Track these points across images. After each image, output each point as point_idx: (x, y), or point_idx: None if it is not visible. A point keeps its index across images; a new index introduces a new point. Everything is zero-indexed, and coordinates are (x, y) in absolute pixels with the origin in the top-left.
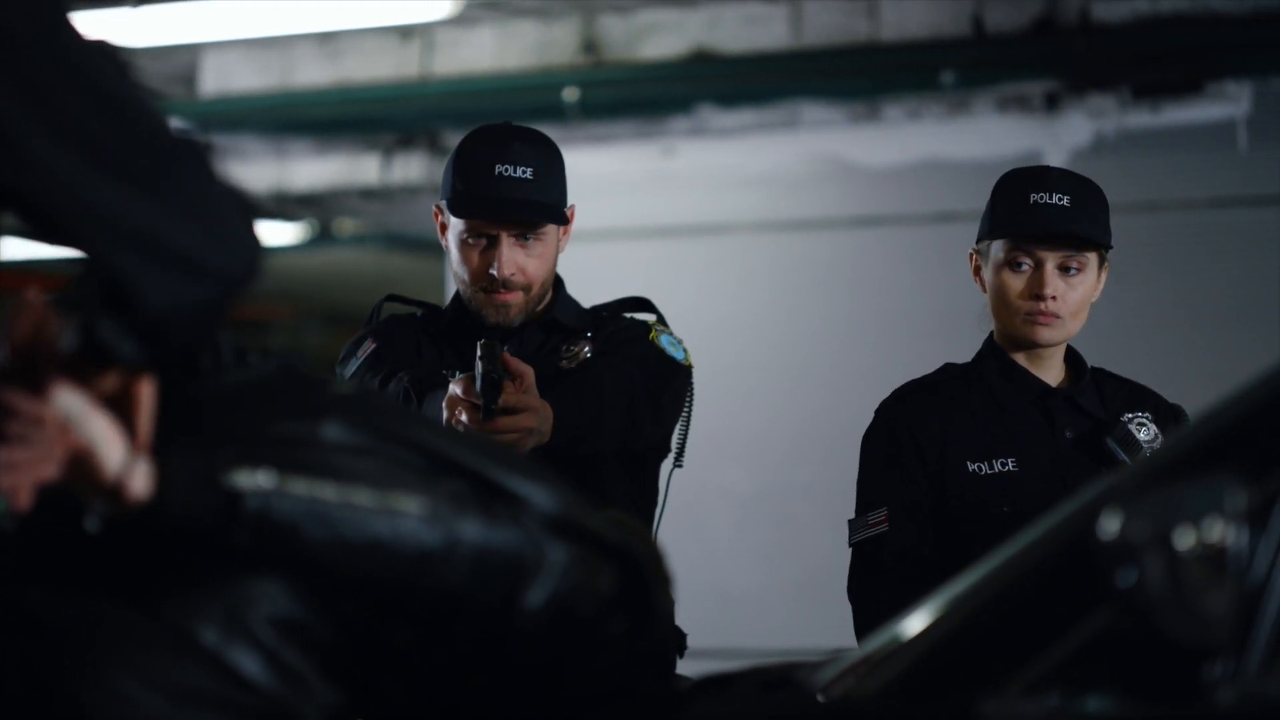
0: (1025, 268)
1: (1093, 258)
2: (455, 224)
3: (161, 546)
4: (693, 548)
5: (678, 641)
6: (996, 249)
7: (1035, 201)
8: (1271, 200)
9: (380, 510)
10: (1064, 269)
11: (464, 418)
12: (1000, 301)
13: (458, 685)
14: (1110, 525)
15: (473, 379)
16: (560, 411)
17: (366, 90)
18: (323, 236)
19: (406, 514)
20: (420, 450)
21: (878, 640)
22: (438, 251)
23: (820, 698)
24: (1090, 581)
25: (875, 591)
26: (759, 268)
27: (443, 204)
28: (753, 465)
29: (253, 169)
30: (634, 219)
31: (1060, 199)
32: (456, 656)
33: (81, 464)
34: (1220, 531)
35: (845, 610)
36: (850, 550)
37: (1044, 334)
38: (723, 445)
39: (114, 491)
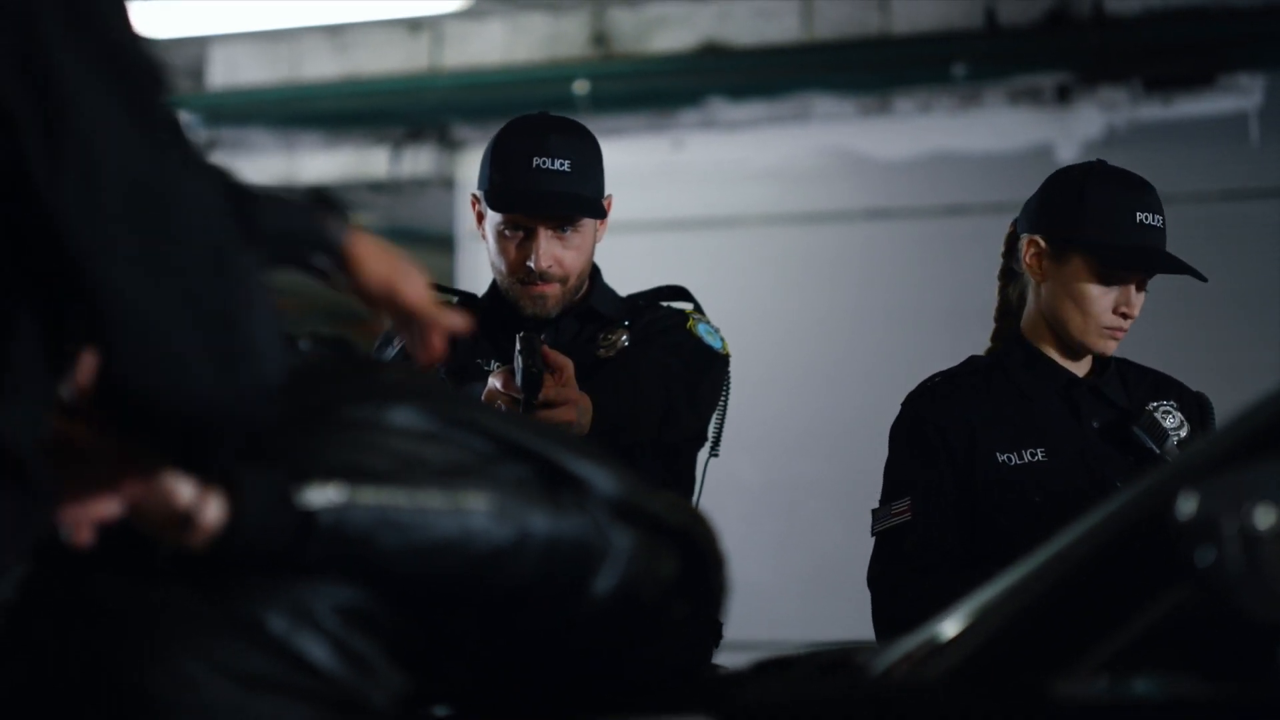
0: (1115, 285)
1: None
2: (492, 216)
3: None
4: None
5: (714, 631)
6: (1088, 258)
7: (1141, 222)
8: None
9: (450, 510)
10: (1141, 286)
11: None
12: (1079, 310)
13: (524, 671)
14: (1187, 505)
15: (512, 372)
16: (599, 404)
17: (375, 83)
18: None
19: (476, 511)
20: (485, 434)
21: (935, 625)
22: (446, 245)
23: (883, 680)
24: (1160, 562)
25: (895, 581)
26: (768, 260)
27: (480, 194)
28: (762, 457)
29: (261, 162)
30: (644, 212)
31: (1158, 220)
32: (524, 644)
33: (151, 499)
34: None
35: (855, 602)
36: (872, 540)
37: (1113, 347)
38: (732, 437)
39: (184, 525)
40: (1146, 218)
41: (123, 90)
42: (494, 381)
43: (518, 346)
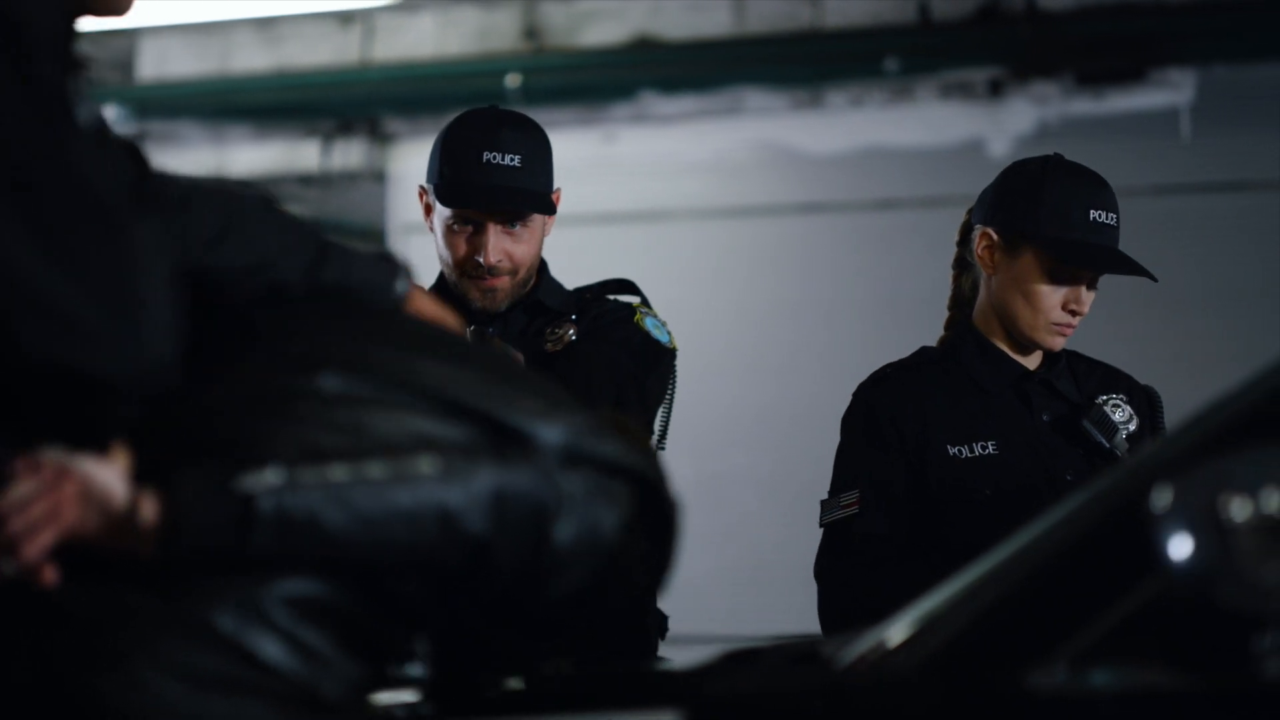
0: (1066, 281)
1: None
2: (441, 210)
3: None
4: None
5: (660, 624)
6: (1040, 254)
7: (1095, 220)
8: (1214, 188)
9: (395, 479)
10: (1091, 283)
11: None
12: (1028, 304)
13: (494, 630)
14: (1162, 497)
15: None
16: None
17: (306, 76)
18: None
19: (421, 477)
20: (423, 394)
21: (903, 617)
22: (377, 238)
23: (852, 672)
24: (1135, 554)
25: (842, 573)
26: (701, 254)
27: (429, 187)
28: (694, 451)
29: (190, 155)
30: (576, 205)
31: (1112, 218)
32: (492, 603)
33: (89, 514)
34: (1278, 501)
35: (787, 594)
36: (820, 531)
37: (1061, 343)
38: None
39: (128, 530)
40: (1100, 216)
41: (8, 58)
42: None
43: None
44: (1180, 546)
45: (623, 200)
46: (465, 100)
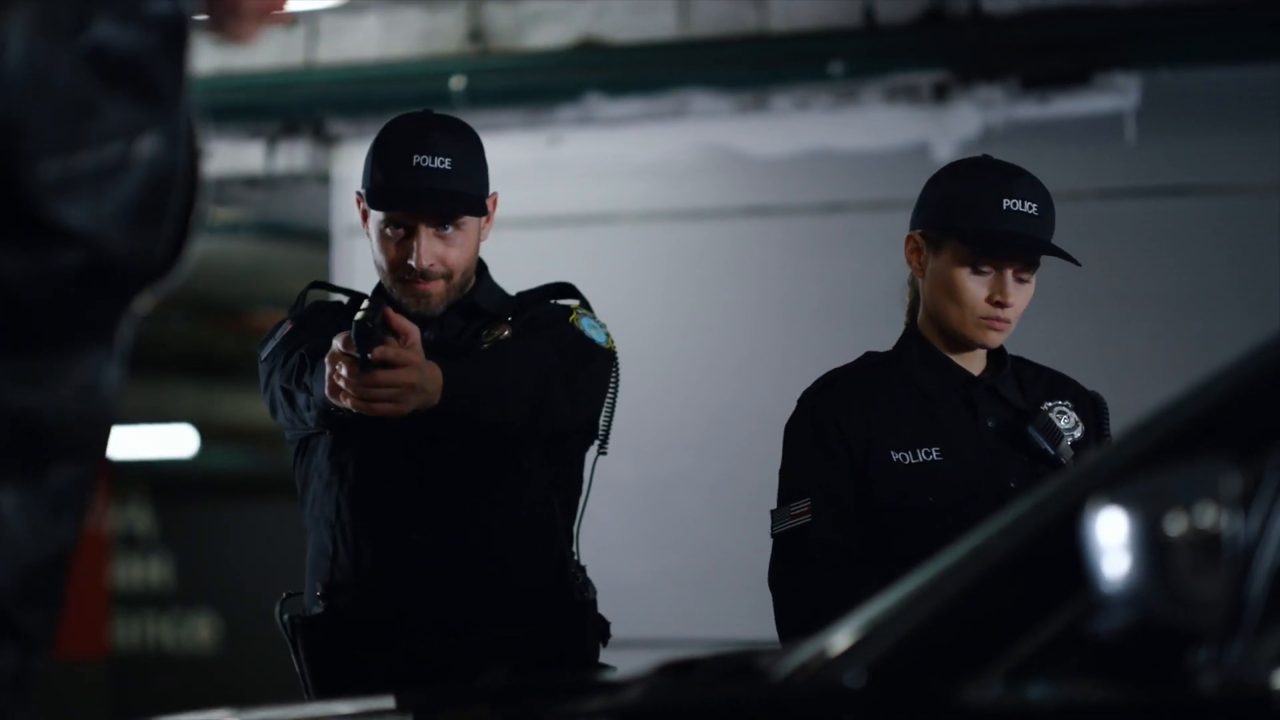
0: (987, 273)
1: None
2: (374, 214)
3: None
4: (580, 537)
5: (601, 630)
6: (957, 247)
7: (1009, 208)
8: (1158, 192)
9: None
10: (1018, 275)
11: (344, 372)
12: (953, 301)
13: None
14: (1098, 511)
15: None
16: (457, 376)
17: (249, 78)
18: None
19: None
20: None
21: (840, 628)
22: (322, 240)
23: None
24: (1070, 567)
25: (797, 582)
26: (647, 257)
27: (362, 192)
28: (642, 455)
29: None
30: (521, 208)
31: (1030, 207)
32: None
33: None
34: (1214, 517)
35: (738, 601)
36: (771, 540)
37: (994, 338)
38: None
39: None
40: (1015, 204)
41: None
42: (335, 342)
43: (360, 305)
44: (1114, 562)
45: (567, 203)
46: (410, 102)
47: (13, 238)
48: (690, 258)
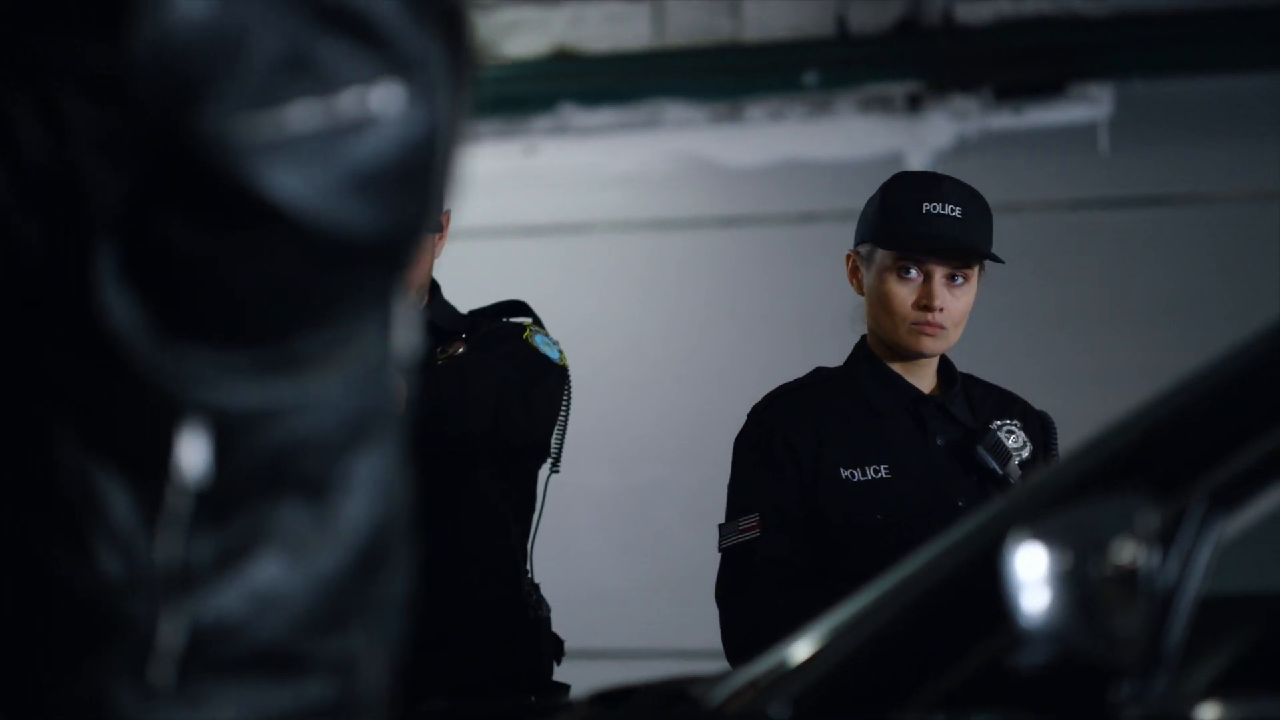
0: (913, 277)
1: (975, 268)
2: None
3: None
4: (554, 547)
5: (555, 648)
6: (883, 256)
7: (928, 212)
8: (1132, 202)
9: None
10: (950, 279)
11: None
12: (884, 309)
13: None
14: (1018, 546)
15: None
16: (421, 390)
17: None
18: None
19: None
20: None
21: (773, 656)
22: None
23: (719, 714)
24: (995, 600)
25: (745, 599)
26: (621, 267)
27: None
28: (612, 464)
29: None
30: (495, 218)
31: (952, 210)
32: None
33: None
34: (1131, 553)
35: (709, 611)
36: (719, 555)
37: (929, 345)
38: (581, 443)
39: None
40: (935, 207)
41: None
42: None
43: None
44: (1034, 597)
45: (542, 213)
46: None
47: (215, 211)
48: (665, 267)
